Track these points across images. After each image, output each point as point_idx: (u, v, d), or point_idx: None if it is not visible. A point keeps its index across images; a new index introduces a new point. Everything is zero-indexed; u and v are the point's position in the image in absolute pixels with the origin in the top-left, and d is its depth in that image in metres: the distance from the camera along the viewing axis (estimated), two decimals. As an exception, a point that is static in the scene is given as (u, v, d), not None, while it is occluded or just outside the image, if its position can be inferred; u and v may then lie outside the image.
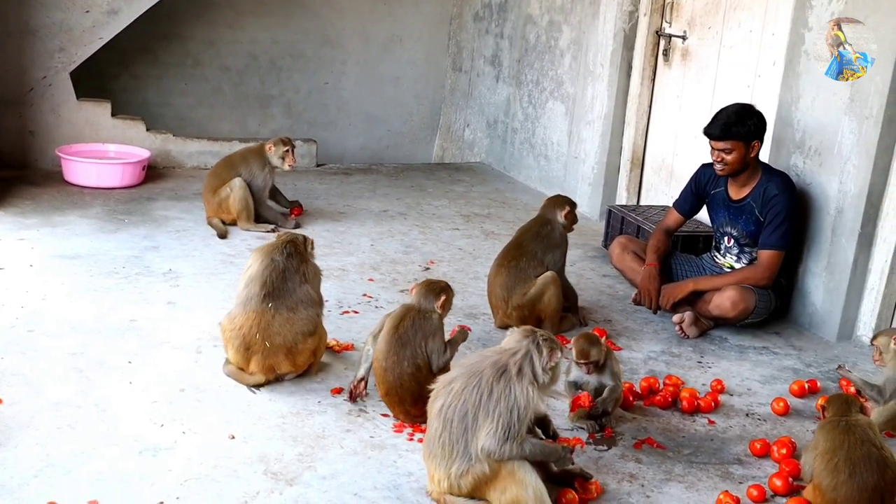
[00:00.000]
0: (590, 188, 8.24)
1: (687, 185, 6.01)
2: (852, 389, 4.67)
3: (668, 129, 7.56)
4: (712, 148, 5.58)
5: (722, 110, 5.59)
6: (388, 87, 10.27)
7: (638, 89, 7.73)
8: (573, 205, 5.61)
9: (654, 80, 7.69)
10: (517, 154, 9.46)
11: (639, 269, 5.87)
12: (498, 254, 5.55)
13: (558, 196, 5.75)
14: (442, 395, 3.46)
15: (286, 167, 6.94)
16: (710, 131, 5.54)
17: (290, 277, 4.43)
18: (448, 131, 10.54)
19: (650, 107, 7.76)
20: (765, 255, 5.56)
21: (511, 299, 5.32)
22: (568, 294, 5.55)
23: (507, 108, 9.60)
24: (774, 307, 5.72)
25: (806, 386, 4.92)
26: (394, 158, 10.30)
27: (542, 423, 3.75)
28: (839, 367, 4.75)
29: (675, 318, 5.65)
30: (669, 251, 6.02)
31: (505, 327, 5.30)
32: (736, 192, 5.70)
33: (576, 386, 4.41)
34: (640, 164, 7.91)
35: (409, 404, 4.13)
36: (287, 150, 6.90)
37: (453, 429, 3.38)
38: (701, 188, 5.92)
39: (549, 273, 5.35)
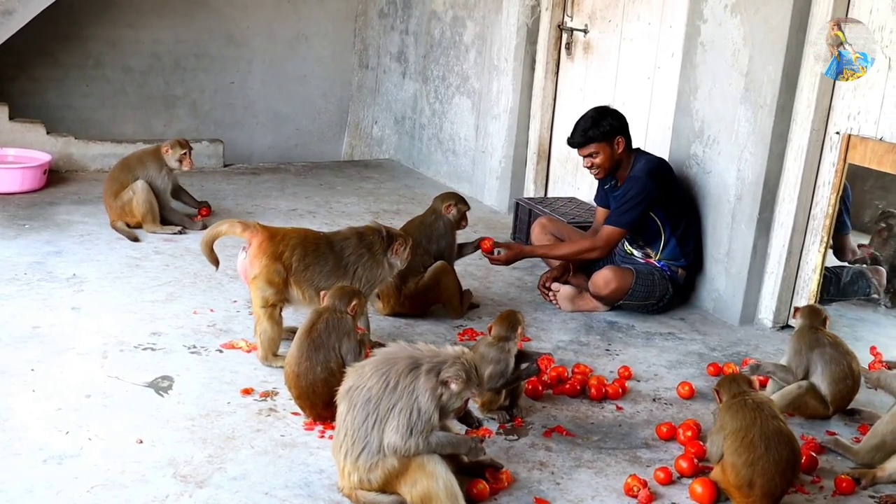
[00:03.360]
0: (498, 182, 8.28)
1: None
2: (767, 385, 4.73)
3: (573, 121, 7.49)
4: (581, 156, 5.76)
5: (579, 119, 5.77)
6: (294, 86, 10.19)
7: (542, 83, 7.79)
8: (459, 200, 5.64)
9: (557, 73, 7.76)
10: (425, 150, 9.46)
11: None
12: None
13: (447, 193, 5.81)
14: (352, 377, 3.48)
15: (184, 169, 6.85)
16: (571, 141, 5.74)
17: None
18: (356, 128, 10.50)
19: (555, 100, 7.83)
20: (605, 229, 5.71)
21: (404, 287, 5.36)
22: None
23: (415, 104, 9.60)
24: (666, 294, 5.82)
25: (721, 366, 5.04)
26: (302, 157, 10.22)
27: (464, 413, 3.74)
28: (748, 365, 4.78)
29: (554, 285, 5.85)
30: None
31: (394, 314, 5.34)
32: (620, 183, 5.86)
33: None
34: (546, 157, 7.97)
35: (322, 408, 4.11)
36: (185, 154, 6.80)
37: (356, 414, 3.39)
38: (602, 183, 6.06)
39: (439, 262, 5.42)
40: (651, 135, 6.64)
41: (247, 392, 4.41)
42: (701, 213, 6.00)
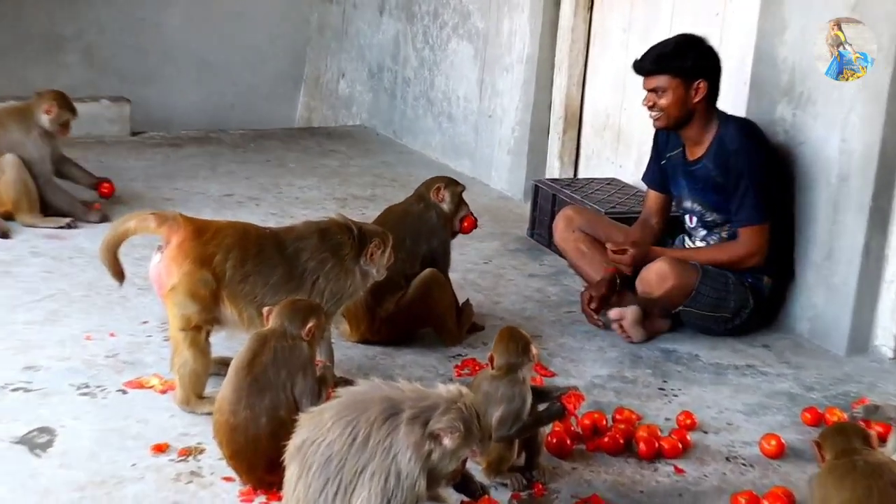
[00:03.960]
0: (510, 157, 8.26)
1: (651, 153, 6.12)
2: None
3: (614, 74, 7.60)
4: (644, 89, 5.76)
5: (659, 42, 5.81)
6: (230, 25, 10.19)
7: (571, 21, 7.77)
8: (450, 181, 5.63)
9: (591, 8, 7.75)
10: (411, 113, 9.45)
11: (587, 253, 6.01)
12: None
13: (437, 176, 5.79)
14: (306, 428, 3.41)
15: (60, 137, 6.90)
16: (639, 65, 5.75)
17: None
18: (316, 84, 10.50)
19: (587, 45, 7.81)
20: (744, 233, 5.70)
21: (379, 307, 5.33)
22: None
23: (396, 50, 9.59)
24: (745, 307, 5.80)
25: (822, 412, 4.97)
26: (242, 123, 10.20)
27: (461, 477, 3.70)
28: (860, 407, 4.74)
29: (613, 313, 5.76)
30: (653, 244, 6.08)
31: (366, 342, 5.37)
32: (691, 152, 5.83)
33: None
34: (576, 124, 7.95)
35: (264, 471, 4.03)
36: (69, 119, 6.86)
37: (312, 479, 3.32)
38: (660, 152, 6.03)
39: (427, 271, 5.38)
40: (721, 91, 6.57)
41: (159, 449, 4.34)
42: (791, 200, 5.96)
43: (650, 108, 5.74)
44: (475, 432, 3.37)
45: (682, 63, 5.65)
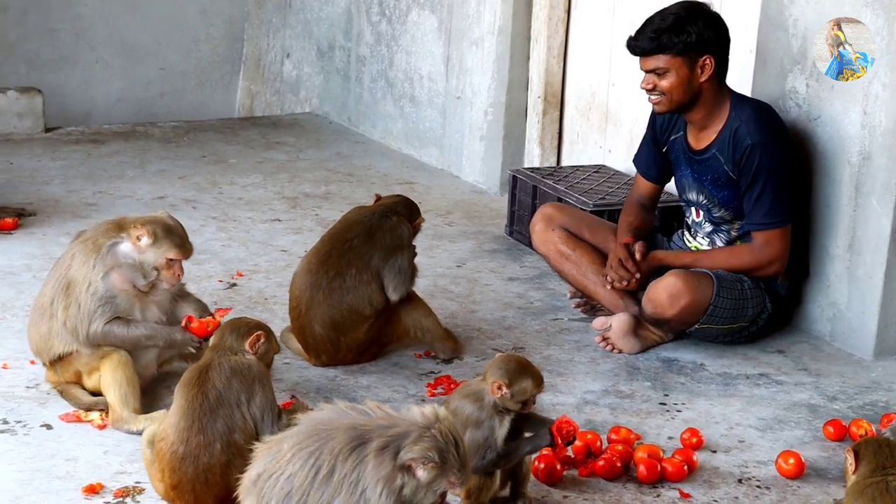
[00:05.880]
0: (483, 144, 8.30)
1: (645, 132, 6.13)
2: None
3: (599, 45, 7.65)
4: (642, 70, 5.72)
5: (655, 13, 5.73)
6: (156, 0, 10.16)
7: (548, -15, 7.81)
8: (414, 205, 5.76)
9: (572, -31, 7.78)
10: (368, 97, 9.47)
11: (571, 255, 6.01)
12: (304, 259, 5.60)
13: (399, 198, 5.85)
14: (263, 458, 3.46)
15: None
16: (634, 43, 5.71)
17: None
18: (257, 66, 10.49)
19: (568, 12, 7.85)
20: (759, 237, 5.71)
21: (344, 338, 5.42)
22: None
23: (348, 24, 9.61)
24: (763, 312, 5.84)
25: (847, 425, 5.02)
26: (173, 113, 10.23)
27: None
28: (884, 420, 4.76)
29: (597, 322, 5.84)
30: (649, 230, 6.15)
31: (325, 366, 5.47)
32: (696, 139, 5.82)
33: None
34: (557, 104, 8.00)
35: (214, 506, 4.11)
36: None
37: None
38: (659, 135, 6.03)
39: (397, 298, 5.48)
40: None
41: (92, 490, 4.36)
42: (806, 183, 6.02)
43: (649, 90, 5.69)
44: (452, 461, 3.40)
45: (685, 38, 5.56)
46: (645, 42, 5.63)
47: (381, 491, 3.32)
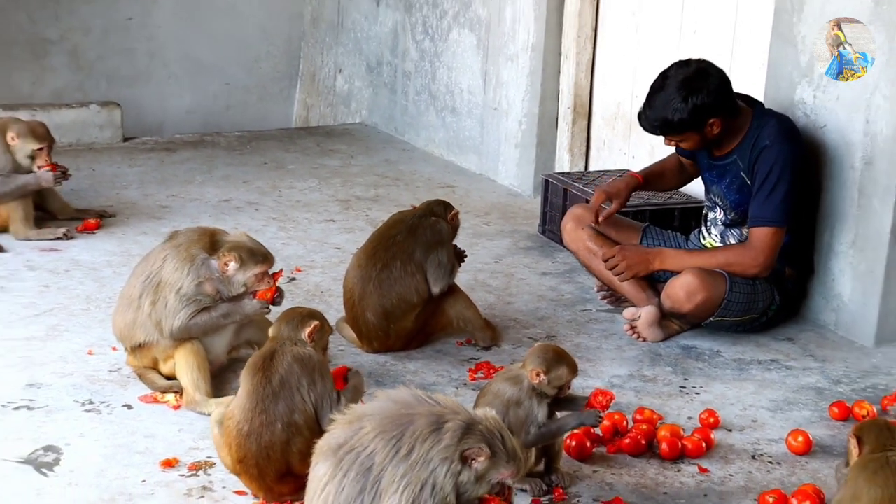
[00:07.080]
0: (517, 151, 8.29)
1: None
2: None
3: (624, 60, 7.65)
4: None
5: (654, 90, 5.62)
6: (220, 21, 10.16)
7: (577, 6, 7.78)
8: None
9: (599, -8, 7.78)
10: (413, 109, 9.47)
11: (598, 252, 5.94)
12: (355, 256, 5.65)
13: (436, 200, 5.87)
14: (342, 430, 3.48)
15: (43, 181, 6.71)
16: (643, 124, 5.70)
17: None
18: (312, 81, 10.49)
19: (595, 30, 7.84)
20: (756, 233, 5.66)
21: (394, 326, 5.47)
22: None
23: (395, 42, 9.60)
24: (772, 305, 5.84)
25: (850, 406, 5.02)
26: (237, 124, 10.24)
27: None
28: (886, 400, 4.74)
29: (627, 313, 5.83)
30: (663, 183, 6.23)
31: (376, 352, 5.52)
32: (719, 148, 5.80)
33: None
34: (586, 114, 7.98)
35: (273, 479, 4.12)
36: (40, 149, 6.69)
37: (348, 486, 3.38)
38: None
39: (439, 291, 5.54)
40: (737, 73, 6.58)
41: (169, 464, 4.40)
42: (813, 185, 6.00)
43: (672, 146, 5.80)
44: (502, 454, 3.42)
45: (686, 118, 5.50)
46: (650, 128, 5.68)
47: (445, 470, 3.35)
